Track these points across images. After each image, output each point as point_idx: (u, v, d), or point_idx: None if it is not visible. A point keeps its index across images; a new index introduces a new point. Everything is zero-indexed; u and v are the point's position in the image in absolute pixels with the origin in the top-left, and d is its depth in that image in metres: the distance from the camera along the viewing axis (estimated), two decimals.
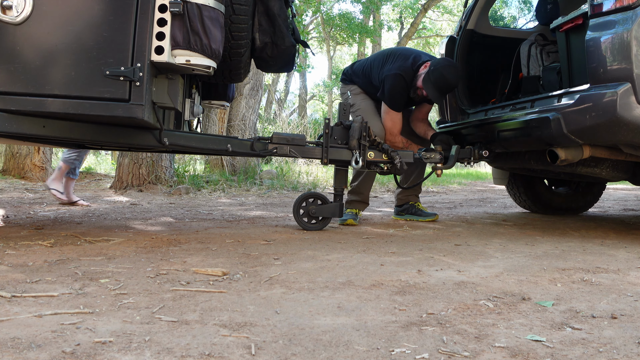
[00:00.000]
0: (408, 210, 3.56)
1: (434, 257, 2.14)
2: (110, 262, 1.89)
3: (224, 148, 2.65)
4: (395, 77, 3.14)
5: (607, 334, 1.22)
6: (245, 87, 6.85)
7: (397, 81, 3.14)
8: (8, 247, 2.12)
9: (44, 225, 2.83)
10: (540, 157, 3.00)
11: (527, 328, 1.25)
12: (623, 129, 2.31)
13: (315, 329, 1.22)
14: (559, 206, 4.12)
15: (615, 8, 2.33)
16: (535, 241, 2.62)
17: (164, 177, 5.44)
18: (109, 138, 2.28)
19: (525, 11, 15.75)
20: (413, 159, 3.02)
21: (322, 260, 2.03)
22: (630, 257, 2.20)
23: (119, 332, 1.16)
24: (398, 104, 3.20)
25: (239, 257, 2.06)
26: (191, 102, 2.72)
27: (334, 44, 19.84)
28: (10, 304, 1.34)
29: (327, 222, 2.93)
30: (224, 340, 1.13)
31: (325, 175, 7.32)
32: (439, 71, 3.04)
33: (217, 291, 1.53)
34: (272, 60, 2.65)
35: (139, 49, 1.95)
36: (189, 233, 2.67)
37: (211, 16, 2.05)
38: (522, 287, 1.67)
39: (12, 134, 2.06)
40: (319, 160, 2.88)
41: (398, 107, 3.21)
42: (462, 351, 1.09)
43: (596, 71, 2.36)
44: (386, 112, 3.23)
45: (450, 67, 3.09)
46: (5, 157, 6.42)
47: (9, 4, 1.90)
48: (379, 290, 1.59)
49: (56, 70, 1.94)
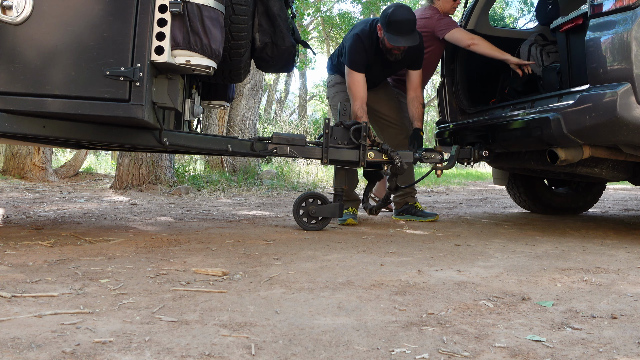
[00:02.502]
0: (408, 210, 3.56)
1: (434, 257, 2.14)
2: (110, 262, 1.89)
3: (224, 148, 2.65)
4: (352, 37, 3.18)
5: (607, 334, 1.22)
6: (245, 87, 6.85)
7: (354, 41, 3.16)
8: (8, 247, 2.12)
9: (44, 225, 2.83)
10: (540, 157, 3.00)
11: (527, 328, 1.25)
12: (623, 129, 2.31)
13: (315, 329, 1.22)
14: (559, 206, 4.12)
15: (615, 8, 2.33)
16: (535, 241, 2.62)
17: (164, 177, 5.44)
18: (109, 138, 2.28)
19: (525, 11, 15.75)
20: (413, 159, 3.02)
21: (322, 260, 2.03)
22: (630, 257, 2.20)
23: (119, 332, 1.16)
24: (356, 63, 3.16)
25: (239, 257, 2.06)
26: (191, 102, 2.72)
27: (334, 44, 19.84)
28: (10, 304, 1.34)
29: (327, 222, 2.93)
30: (224, 340, 1.13)
31: (325, 175, 7.32)
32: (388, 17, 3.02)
33: (217, 291, 1.53)
34: (272, 60, 2.65)
35: (139, 49, 1.95)
36: (189, 233, 2.67)
37: (211, 16, 2.05)
38: (522, 287, 1.67)
39: (12, 134, 2.06)
40: (319, 160, 2.88)
41: (357, 66, 3.15)
42: (462, 351, 1.09)
43: (596, 71, 2.36)
44: (348, 74, 3.19)
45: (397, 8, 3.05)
46: (5, 157, 6.42)
47: (9, 4, 1.90)
48: (379, 290, 1.59)
49: (56, 71, 1.94)
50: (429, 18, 3.46)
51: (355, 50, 3.16)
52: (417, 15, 3.57)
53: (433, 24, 3.42)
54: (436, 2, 3.53)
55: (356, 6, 17.78)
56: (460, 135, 3.48)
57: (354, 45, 3.16)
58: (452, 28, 3.40)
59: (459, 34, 3.41)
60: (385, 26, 3.05)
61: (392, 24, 3.02)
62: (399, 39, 3.03)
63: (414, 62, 3.30)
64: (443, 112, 3.85)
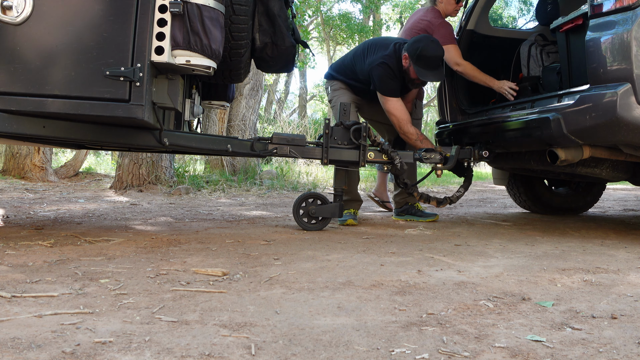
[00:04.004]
0: (408, 210, 3.56)
1: (434, 257, 2.14)
2: (110, 262, 1.89)
3: (224, 148, 2.65)
4: (380, 66, 3.19)
5: (607, 334, 1.22)
6: (245, 87, 6.85)
7: (383, 69, 3.18)
8: (8, 247, 2.12)
9: (44, 225, 2.83)
10: (540, 157, 3.00)
11: (527, 328, 1.25)
12: (623, 129, 2.31)
13: (315, 329, 1.22)
14: (559, 206, 4.12)
15: (615, 8, 2.33)
16: (535, 241, 2.62)
17: (164, 177, 5.44)
18: (109, 138, 2.28)
19: (525, 11, 15.75)
20: (413, 159, 3.02)
21: (322, 261, 2.03)
22: (630, 257, 2.20)
23: (119, 332, 1.16)
24: (392, 89, 3.20)
25: (239, 257, 2.06)
26: (191, 102, 2.72)
27: (334, 44, 19.84)
28: (10, 304, 1.34)
29: (327, 222, 2.93)
30: (224, 340, 1.13)
31: (325, 175, 7.32)
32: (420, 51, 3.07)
33: (217, 291, 1.53)
34: (272, 60, 2.65)
35: (139, 49, 1.95)
36: (189, 233, 2.67)
37: (211, 16, 2.05)
38: (522, 287, 1.67)
39: (12, 134, 2.06)
40: (319, 160, 2.88)
41: (393, 93, 3.21)
42: (462, 351, 1.09)
43: (596, 71, 2.36)
44: (385, 102, 3.22)
45: (429, 43, 3.09)
46: (5, 157, 6.42)
47: (9, 4, 1.90)
48: (379, 291, 1.59)
49: (56, 71, 1.94)
50: (429, 22, 3.45)
51: (388, 78, 3.20)
52: (418, 16, 3.57)
53: (433, 30, 3.43)
54: (439, 4, 3.53)
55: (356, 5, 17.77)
56: (460, 135, 3.48)
57: (386, 74, 3.19)
58: (448, 43, 3.43)
59: (452, 52, 3.46)
60: (414, 59, 3.09)
61: (423, 58, 3.08)
62: (427, 75, 3.11)
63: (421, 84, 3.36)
64: (443, 112, 3.85)
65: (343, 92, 3.42)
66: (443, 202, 3.18)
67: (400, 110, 3.20)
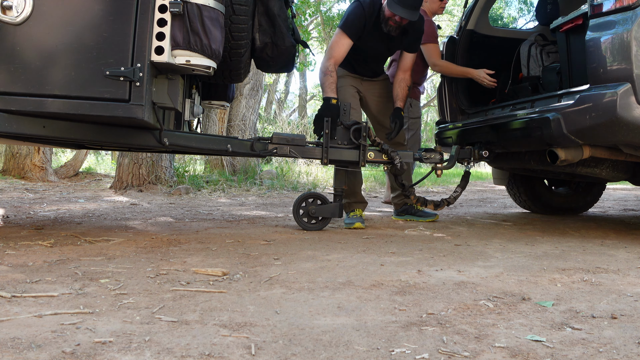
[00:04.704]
0: (408, 210, 3.56)
1: (434, 257, 2.14)
2: (110, 262, 1.89)
3: (224, 148, 2.65)
4: (353, 3, 3.10)
5: (607, 334, 1.22)
6: (245, 87, 6.85)
7: (355, 6, 3.07)
8: (8, 247, 2.12)
9: (44, 225, 2.83)
10: (540, 157, 3.00)
11: (527, 328, 1.25)
12: (623, 129, 2.31)
13: (315, 329, 1.22)
14: (559, 206, 4.12)
15: (615, 8, 2.33)
16: (535, 241, 2.62)
17: (164, 177, 5.44)
18: (109, 138, 2.28)
19: (525, 11, 15.74)
20: (413, 159, 3.02)
21: (322, 260, 2.03)
22: (630, 257, 2.20)
23: (119, 332, 1.16)
24: (349, 26, 3.05)
25: (239, 257, 2.06)
26: (191, 102, 2.72)
27: None
28: (10, 304, 1.34)
29: (326, 222, 2.93)
30: (224, 340, 1.13)
31: (325, 175, 7.32)
32: None
33: (217, 291, 1.53)
34: (272, 60, 2.65)
35: (139, 49, 1.95)
36: (189, 233, 2.67)
37: (211, 16, 2.05)
38: (522, 287, 1.67)
39: (12, 134, 2.06)
40: (319, 160, 2.88)
41: (349, 29, 3.05)
42: (462, 351, 1.09)
43: (596, 71, 2.36)
44: (335, 34, 3.11)
45: None
46: (5, 157, 6.42)
47: (9, 4, 1.90)
48: (379, 290, 1.59)
49: (56, 71, 1.94)
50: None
51: (354, 15, 3.05)
52: None
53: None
54: (424, 4, 3.57)
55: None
56: (460, 135, 3.48)
57: (355, 10, 3.06)
58: (429, 42, 3.48)
59: (431, 50, 3.51)
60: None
61: None
62: (398, 9, 2.91)
63: (410, 44, 3.22)
64: (443, 112, 3.85)
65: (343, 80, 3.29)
66: (440, 204, 3.12)
67: (339, 47, 3.04)
